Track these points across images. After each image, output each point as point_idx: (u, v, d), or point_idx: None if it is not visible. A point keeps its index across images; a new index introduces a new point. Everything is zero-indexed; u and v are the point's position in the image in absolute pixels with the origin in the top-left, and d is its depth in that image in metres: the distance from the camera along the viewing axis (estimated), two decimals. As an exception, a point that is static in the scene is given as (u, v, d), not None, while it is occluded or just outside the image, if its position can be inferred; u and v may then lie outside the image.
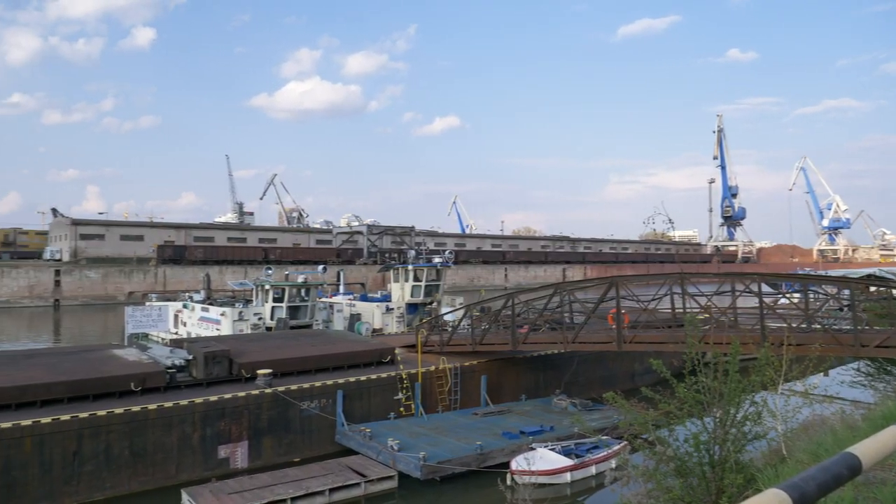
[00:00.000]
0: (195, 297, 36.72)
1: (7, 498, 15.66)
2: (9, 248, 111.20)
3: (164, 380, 19.29)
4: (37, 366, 19.33)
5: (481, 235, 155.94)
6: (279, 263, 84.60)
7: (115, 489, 17.02)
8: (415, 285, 37.37)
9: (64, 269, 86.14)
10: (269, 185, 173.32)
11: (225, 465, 18.82)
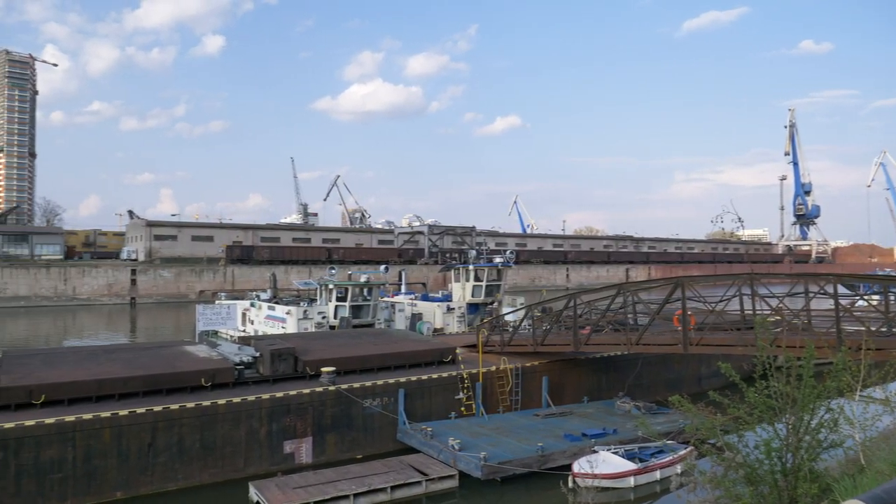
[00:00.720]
0: (262, 295, 37.73)
1: (88, 485, 16.48)
2: (89, 248, 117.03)
3: (233, 376, 19.90)
4: (115, 361, 20.23)
5: (542, 235, 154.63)
6: (342, 263, 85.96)
7: (186, 480, 17.65)
8: (475, 285, 37.36)
9: (139, 268, 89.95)
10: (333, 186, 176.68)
11: (290, 460, 19.26)
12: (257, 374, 21.02)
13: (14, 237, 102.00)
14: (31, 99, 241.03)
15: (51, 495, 16.05)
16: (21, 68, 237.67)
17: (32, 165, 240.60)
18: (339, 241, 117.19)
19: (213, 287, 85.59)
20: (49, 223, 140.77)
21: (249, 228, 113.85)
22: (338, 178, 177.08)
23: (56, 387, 17.38)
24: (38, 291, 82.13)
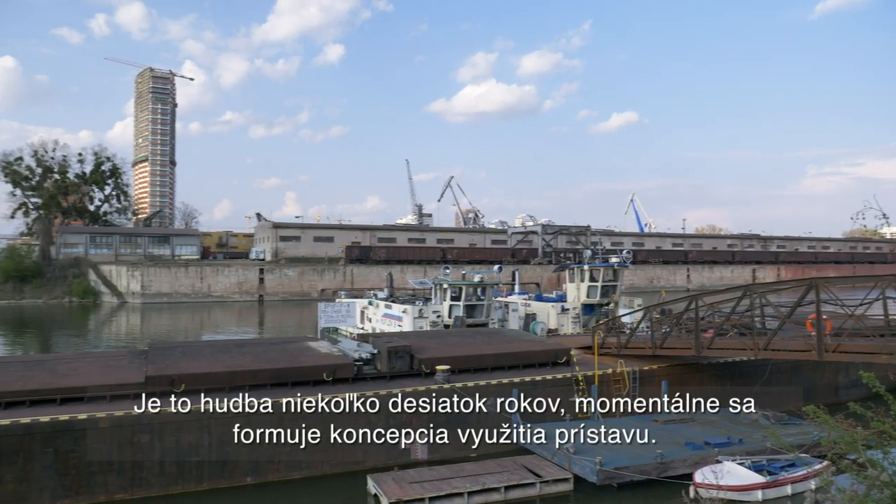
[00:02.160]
0: (379, 294, 38.84)
1: (221, 470, 17.66)
2: (222, 249, 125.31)
3: (353, 371, 20.66)
4: (245, 354, 21.54)
5: (661, 234, 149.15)
6: (456, 263, 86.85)
7: (309, 470, 18.52)
8: (591, 285, 36.64)
9: (267, 267, 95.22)
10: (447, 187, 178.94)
11: (406, 455, 19.71)
12: (375, 370, 21.68)
13: (157, 239, 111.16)
14: (172, 112, 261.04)
15: (189, 477, 17.34)
16: (163, 84, 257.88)
17: (173, 173, 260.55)
18: (452, 242, 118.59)
19: (334, 286, 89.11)
20: (187, 226, 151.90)
21: (367, 229, 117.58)
22: (451, 179, 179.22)
23: (194, 377, 18.75)
24: (178, 289, 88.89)
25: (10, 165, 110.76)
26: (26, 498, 16.13)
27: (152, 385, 18.27)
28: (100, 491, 16.67)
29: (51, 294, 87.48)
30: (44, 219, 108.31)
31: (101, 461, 16.63)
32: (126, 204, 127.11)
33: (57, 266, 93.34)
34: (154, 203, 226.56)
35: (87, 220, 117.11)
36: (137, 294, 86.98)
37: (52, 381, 18.14)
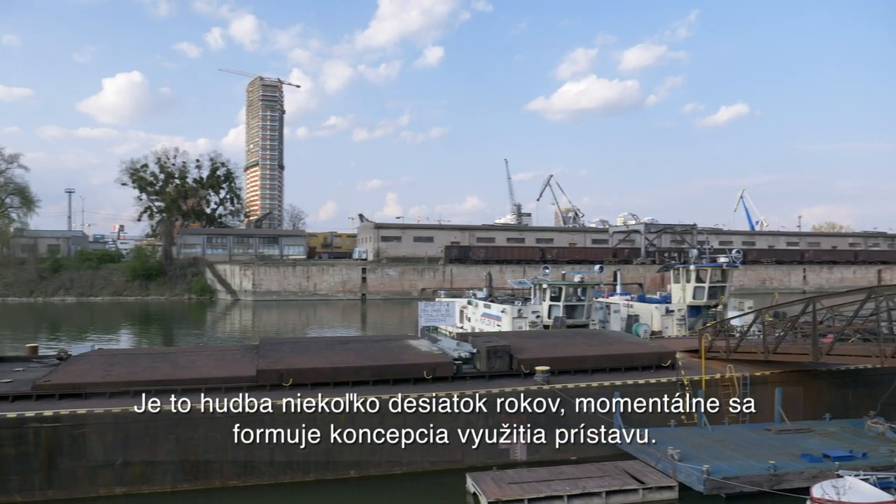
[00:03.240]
0: (478, 294, 39.01)
1: (327, 462, 18.32)
2: (327, 249, 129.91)
3: (452, 370, 20.86)
4: (349, 351, 22.22)
5: (774, 233, 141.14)
6: (555, 263, 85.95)
7: (410, 466, 18.86)
8: (697, 286, 35.25)
9: (369, 267, 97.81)
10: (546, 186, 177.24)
11: (505, 455, 19.69)
12: (474, 369, 21.79)
13: (267, 240, 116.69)
14: (280, 118, 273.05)
15: (297, 467, 18.10)
16: (271, 91, 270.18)
17: (281, 176, 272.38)
18: (552, 241, 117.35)
19: (433, 285, 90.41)
20: (295, 227, 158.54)
21: (466, 229, 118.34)
22: (550, 178, 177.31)
23: (302, 372, 19.55)
24: (286, 287, 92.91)
25: (137, 172, 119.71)
26: (151, 480, 17.38)
27: (263, 379, 19.20)
28: (215, 477, 17.70)
29: (172, 291, 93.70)
30: (166, 221, 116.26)
31: (218, 448, 17.66)
32: (239, 206, 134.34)
33: (177, 265, 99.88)
34: (264, 205, 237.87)
35: (204, 222, 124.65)
36: (249, 292, 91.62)
37: (173, 373, 19.44)
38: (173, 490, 17.42)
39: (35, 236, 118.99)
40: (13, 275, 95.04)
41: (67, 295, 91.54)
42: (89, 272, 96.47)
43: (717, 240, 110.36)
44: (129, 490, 17.22)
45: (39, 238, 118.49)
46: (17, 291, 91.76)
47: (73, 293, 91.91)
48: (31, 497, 16.75)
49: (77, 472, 16.96)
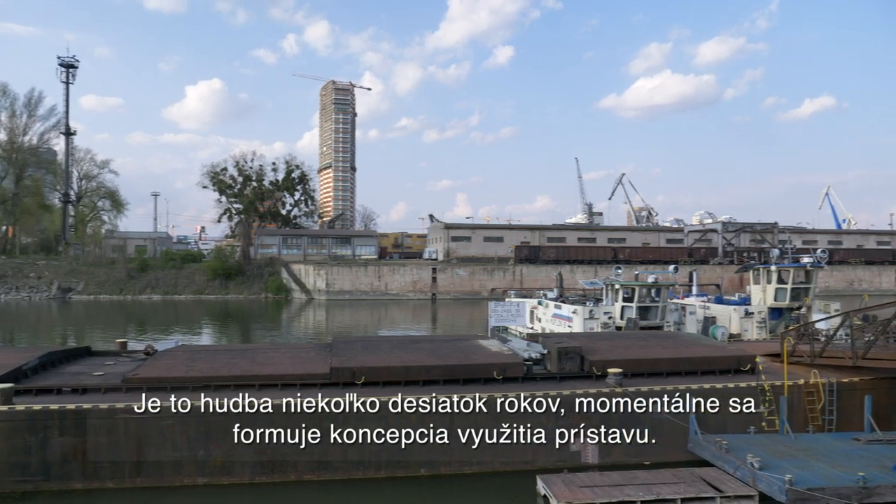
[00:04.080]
0: (549, 294, 38.67)
1: (398, 459, 18.55)
2: (398, 249, 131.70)
3: (522, 371, 20.74)
4: (420, 350, 22.41)
5: (863, 231, 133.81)
6: (628, 263, 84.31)
7: (480, 466, 18.87)
8: (779, 288, 33.82)
9: (439, 267, 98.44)
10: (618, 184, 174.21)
11: (576, 458, 19.44)
12: (544, 370, 21.61)
13: (340, 240, 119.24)
14: (352, 121, 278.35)
15: (369, 464, 18.41)
16: (343, 95, 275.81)
17: (353, 178, 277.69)
18: (624, 241, 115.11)
19: (503, 285, 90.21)
20: (366, 227, 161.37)
21: (536, 229, 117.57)
22: (623, 177, 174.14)
23: (374, 370, 19.88)
24: (358, 287, 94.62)
25: (217, 176, 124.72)
26: (231, 472, 18.04)
27: (336, 376, 19.63)
28: (290, 471, 18.21)
29: (250, 290, 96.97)
30: (244, 223, 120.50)
31: (292, 444, 18.17)
32: (313, 208, 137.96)
33: (255, 265, 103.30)
34: (337, 206, 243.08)
35: (280, 223, 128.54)
36: (322, 291, 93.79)
37: (251, 369, 20.13)
38: (251, 482, 18.03)
39: (124, 237, 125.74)
40: (104, 274, 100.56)
41: (153, 293, 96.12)
42: (173, 272, 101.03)
43: (801, 239, 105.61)
44: (210, 481, 17.92)
45: (128, 239, 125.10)
46: (108, 290, 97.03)
47: (159, 291, 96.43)
48: (122, 484, 17.68)
49: (163, 462, 17.79)
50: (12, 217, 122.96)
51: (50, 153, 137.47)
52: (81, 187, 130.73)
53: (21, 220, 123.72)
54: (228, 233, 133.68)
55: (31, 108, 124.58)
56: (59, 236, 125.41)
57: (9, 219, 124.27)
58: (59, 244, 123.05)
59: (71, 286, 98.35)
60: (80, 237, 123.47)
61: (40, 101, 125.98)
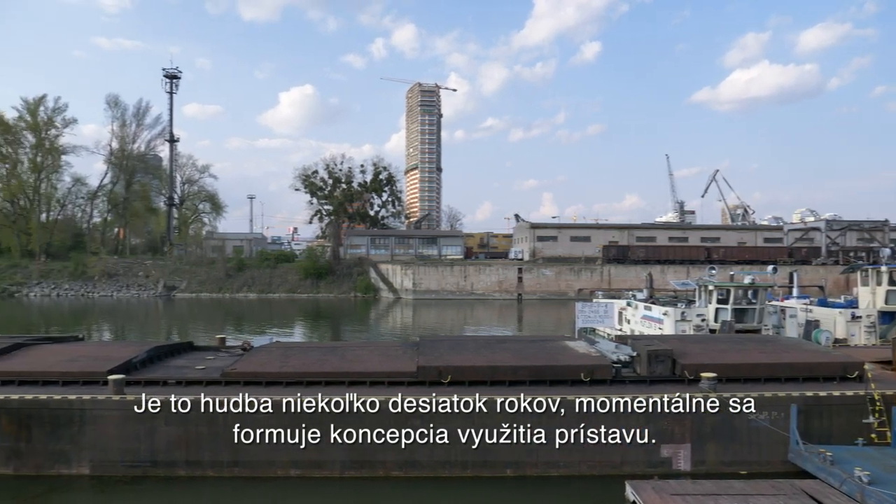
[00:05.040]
0: (638, 295, 37.70)
1: (484, 459, 18.59)
2: (483, 249, 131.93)
3: (611, 373, 20.30)
4: (506, 350, 22.36)
5: None
6: (722, 263, 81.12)
7: (567, 468, 18.63)
8: (891, 290, 31.60)
9: (525, 267, 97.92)
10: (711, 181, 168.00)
11: (667, 464, 18.88)
12: (634, 373, 21.09)
13: (426, 240, 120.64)
14: (438, 122, 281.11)
15: (455, 462, 18.53)
16: (429, 97, 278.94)
17: (439, 179, 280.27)
18: (718, 240, 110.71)
19: (591, 286, 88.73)
20: (452, 227, 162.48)
21: (625, 228, 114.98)
22: (716, 173, 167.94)
23: (460, 369, 19.98)
24: (444, 286, 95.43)
25: (308, 178, 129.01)
26: (321, 466, 18.61)
27: (423, 375, 19.87)
28: (379, 467, 18.59)
29: (339, 289, 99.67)
30: (334, 223, 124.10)
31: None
32: (400, 209, 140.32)
33: (344, 265, 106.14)
34: (423, 207, 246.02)
35: (368, 223, 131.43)
36: (409, 290, 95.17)
37: (341, 366, 20.68)
38: (341, 476, 18.53)
39: (223, 238, 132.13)
40: (205, 273, 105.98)
41: (250, 292, 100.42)
42: (268, 271, 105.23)
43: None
44: (303, 473, 18.55)
45: (226, 240, 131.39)
46: (208, 288, 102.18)
47: (255, 290, 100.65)
48: (220, 473, 18.57)
49: (259, 453, 18.56)
50: (123, 220, 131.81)
51: (156, 159, 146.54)
52: (184, 191, 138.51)
53: (131, 222, 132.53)
54: (319, 233, 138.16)
55: (139, 118, 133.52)
56: (164, 237, 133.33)
57: (120, 221, 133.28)
58: (164, 245, 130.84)
59: (175, 284, 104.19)
60: (183, 238, 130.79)
61: (147, 110, 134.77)
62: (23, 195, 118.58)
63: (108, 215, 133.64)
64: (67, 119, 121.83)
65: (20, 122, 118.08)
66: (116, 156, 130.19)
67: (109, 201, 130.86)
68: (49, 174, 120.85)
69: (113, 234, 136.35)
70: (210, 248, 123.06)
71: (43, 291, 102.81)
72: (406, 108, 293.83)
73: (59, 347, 23.93)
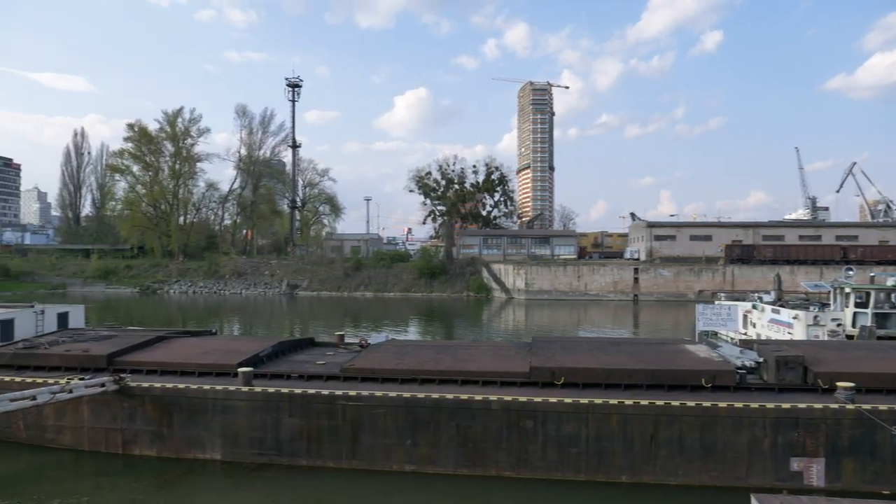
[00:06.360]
0: (765, 297, 35.64)
1: (598, 463, 18.18)
2: (597, 249, 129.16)
3: (735, 379, 19.27)
4: (621, 353, 21.79)
5: None
6: (861, 264, 75.11)
7: (686, 478, 17.87)
8: None
9: (641, 267, 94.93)
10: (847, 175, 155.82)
11: (797, 479, 17.67)
12: (760, 380, 19.92)
13: (539, 240, 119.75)
14: (550, 120, 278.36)
15: (568, 465, 18.26)
16: (541, 95, 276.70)
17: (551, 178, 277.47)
18: (856, 239, 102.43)
19: (712, 287, 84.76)
20: (565, 227, 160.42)
21: (750, 227, 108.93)
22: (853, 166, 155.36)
23: (573, 371, 19.69)
24: (557, 286, 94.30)
25: (421, 179, 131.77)
26: (435, 462, 18.92)
27: (536, 376, 19.74)
28: (491, 466, 18.65)
29: (453, 289, 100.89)
30: (447, 224, 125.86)
31: (494, 439, 18.60)
32: (512, 208, 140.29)
33: (457, 265, 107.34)
34: (535, 206, 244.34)
35: (480, 223, 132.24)
36: (522, 290, 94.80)
37: (454, 365, 20.93)
38: (455, 473, 18.75)
39: (341, 239, 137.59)
40: (325, 272, 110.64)
41: (366, 290, 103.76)
42: (383, 270, 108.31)
43: None
44: (417, 469, 18.95)
45: (344, 241, 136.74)
46: (328, 286, 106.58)
47: (371, 289, 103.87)
48: (339, 465, 19.33)
49: (375, 447, 19.16)
50: (251, 222, 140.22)
51: (280, 164, 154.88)
52: (306, 194, 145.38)
53: (257, 224, 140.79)
54: (433, 234, 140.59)
55: (265, 126, 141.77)
56: (287, 238, 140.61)
57: (248, 223, 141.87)
58: (287, 245, 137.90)
59: (297, 283, 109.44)
60: (304, 239, 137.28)
61: (272, 118, 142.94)
62: (163, 200, 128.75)
63: (237, 218, 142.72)
64: (202, 129, 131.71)
65: (161, 133, 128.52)
66: (245, 162, 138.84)
67: (238, 204, 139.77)
68: (186, 180, 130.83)
69: (241, 236, 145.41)
70: (329, 248, 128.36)
71: (181, 288, 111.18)
72: (518, 108, 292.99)
73: (194, 341, 25.80)
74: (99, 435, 20.98)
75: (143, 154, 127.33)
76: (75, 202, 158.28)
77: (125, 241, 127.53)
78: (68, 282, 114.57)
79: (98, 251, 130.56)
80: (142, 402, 20.54)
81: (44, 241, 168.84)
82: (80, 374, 21.63)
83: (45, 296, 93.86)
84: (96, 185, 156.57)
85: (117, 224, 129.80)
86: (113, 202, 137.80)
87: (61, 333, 26.84)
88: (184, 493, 18.06)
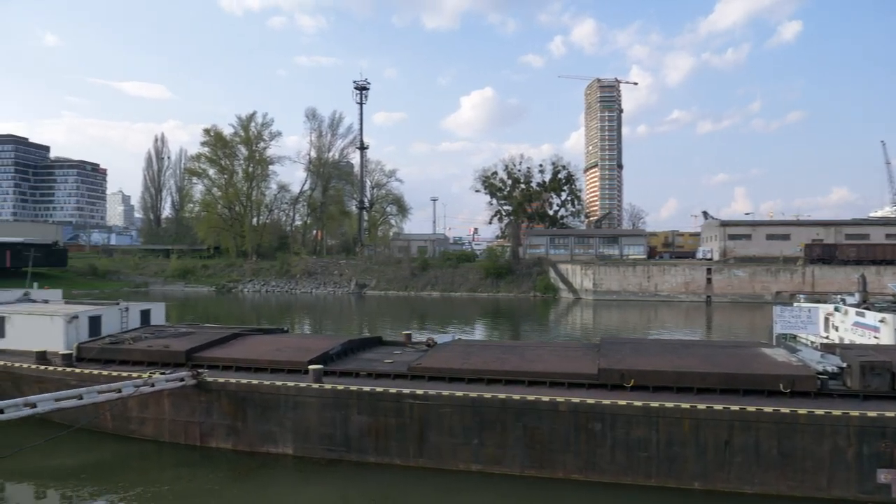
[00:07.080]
0: (848, 299, 33.94)
1: (669, 468, 17.71)
2: (668, 248, 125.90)
3: (815, 385, 18.42)
4: (693, 356, 21.18)
5: None
6: (957, 264, 70.60)
7: (763, 486, 17.20)
8: None
9: (714, 267, 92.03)
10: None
11: (884, 491, 16.73)
12: (843, 386, 18.97)
13: (607, 239, 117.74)
14: (618, 118, 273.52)
15: (638, 470, 17.87)
16: (608, 92, 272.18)
17: (620, 176, 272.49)
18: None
19: (790, 288, 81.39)
20: (634, 226, 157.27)
21: (831, 225, 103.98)
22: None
23: (643, 373, 19.27)
24: (626, 287, 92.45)
25: (487, 179, 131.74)
26: (501, 462, 18.87)
27: (604, 377, 19.41)
28: (558, 468, 18.46)
29: (519, 289, 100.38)
30: (513, 223, 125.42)
31: (561, 441, 18.40)
32: (579, 208, 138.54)
33: (524, 265, 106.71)
34: (603, 205, 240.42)
35: (547, 223, 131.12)
36: (590, 291, 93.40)
37: (521, 365, 20.82)
38: (521, 474, 18.65)
39: (408, 239, 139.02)
40: (392, 272, 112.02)
41: (433, 290, 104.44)
42: (450, 270, 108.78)
43: None
44: (483, 468, 18.95)
45: (411, 241, 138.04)
46: (395, 286, 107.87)
47: (438, 289, 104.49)
48: (406, 462, 19.53)
49: (442, 446, 19.26)
50: (320, 222, 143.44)
51: (348, 166, 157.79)
52: (373, 195, 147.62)
53: (327, 224, 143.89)
54: (499, 233, 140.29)
55: (333, 128, 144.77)
56: (356, 238, 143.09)
57: (318, 224, 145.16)
58: (355, 245, 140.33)
59: (365, 282, 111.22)
60: (372, 239, 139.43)
61: (341, 121, 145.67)
62: (238, 202, 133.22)
63: (307, 219, 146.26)
64: (273, 132, 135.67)
65: (235, 138, 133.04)
66: (314, 164, 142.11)
67: (309, 206, 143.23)
68: (258, 182, 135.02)
69: (311, 236, 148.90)
70: (396, 248, 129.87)
71: (254, 287, 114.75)
72: (585, 105, 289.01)
73: (267, 338, 26.60)
74: (178, 427, 21.90)
75: (219, 158, 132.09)
76: (156, 204, 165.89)
77: (202, 241, 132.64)
78: (150, 280, 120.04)
79: (177, 251, 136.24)
80: (218, 397, 21.33)
81: (128, 241, 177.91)
82: (161, 369, 22.65)
83: (128, 294, 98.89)
84: (175, 187, 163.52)
85: (195, 225, 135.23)
86: (191, 204, 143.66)
87: (143, 330, 28.17)
88: (257, 485, 18.64)
